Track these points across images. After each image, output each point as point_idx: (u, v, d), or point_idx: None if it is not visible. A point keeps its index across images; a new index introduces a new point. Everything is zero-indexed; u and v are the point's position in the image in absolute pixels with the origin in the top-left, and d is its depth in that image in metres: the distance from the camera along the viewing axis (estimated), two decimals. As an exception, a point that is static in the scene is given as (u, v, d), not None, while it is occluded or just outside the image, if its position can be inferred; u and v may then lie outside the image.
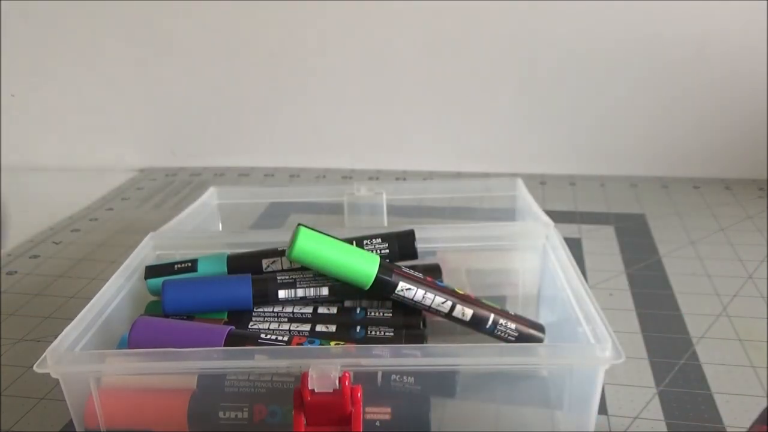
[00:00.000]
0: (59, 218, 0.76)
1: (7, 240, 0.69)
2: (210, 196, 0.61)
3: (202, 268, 0.46)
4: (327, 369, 0.34)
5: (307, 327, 0.41)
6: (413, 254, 0.47)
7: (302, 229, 0.41)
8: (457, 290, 0.43)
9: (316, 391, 0.34)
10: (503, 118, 0.84)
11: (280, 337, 0.38)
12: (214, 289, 0.43)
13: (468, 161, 0.87)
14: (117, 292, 0.43)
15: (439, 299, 0.41)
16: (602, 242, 0.65)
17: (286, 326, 0.41)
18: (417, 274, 0.43)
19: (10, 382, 0.47)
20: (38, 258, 0.66)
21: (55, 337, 0.37)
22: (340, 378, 0.34)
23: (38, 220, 0.75)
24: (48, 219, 0.76)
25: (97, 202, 0.81)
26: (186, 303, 0.42)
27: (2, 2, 0.86)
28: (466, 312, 0.41)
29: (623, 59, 0.78)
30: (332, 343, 0.39)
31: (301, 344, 0.38)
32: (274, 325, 0.42)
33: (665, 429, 0.41)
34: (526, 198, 0.57)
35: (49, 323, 0.54)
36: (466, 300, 0.42)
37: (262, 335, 0.38)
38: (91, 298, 0.41)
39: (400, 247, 0.47)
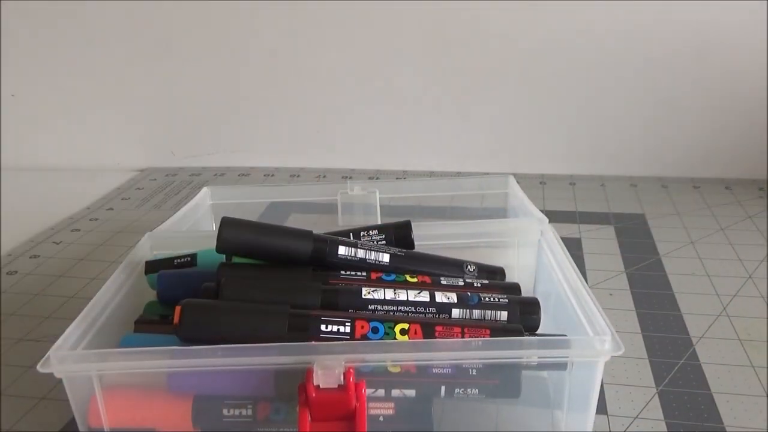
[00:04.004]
0: (59, 218, 0.76)
1: None
2: (203, 197, 0.61)
3: (201, 263, 0.47)
4: (331, 365, 0.34)
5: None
6: (410, 244, 0.47)
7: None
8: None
9: (320, 387, 0.34)
10: (503, 119, 0.84)
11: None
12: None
13: (468, 161, 0.87)
14: (116, 292, 0.43)
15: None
16: (602, 242, 0.65)
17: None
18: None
19: (10, 382, 0.47)
20: (38, 258, 0.66)
21: (56, 337, 0.37)
22: (344, 374, 0.34)
23: (38, 220, 0.75)
24: (48, 219, 0.76)
25: (97, 202, 0.81)
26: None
27: (2, 2, 0.86)
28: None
29: (623, 59, 0.78)
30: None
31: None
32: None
33: (665, 429, 0.41)
34: (518, 195, 0.58)
35: (49, 323, 0.54)
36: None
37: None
38: (91, 298, 0.41)
39: (396, 237, 0.47)
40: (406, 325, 0.38)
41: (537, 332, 0.41)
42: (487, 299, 0.40)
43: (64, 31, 0.87)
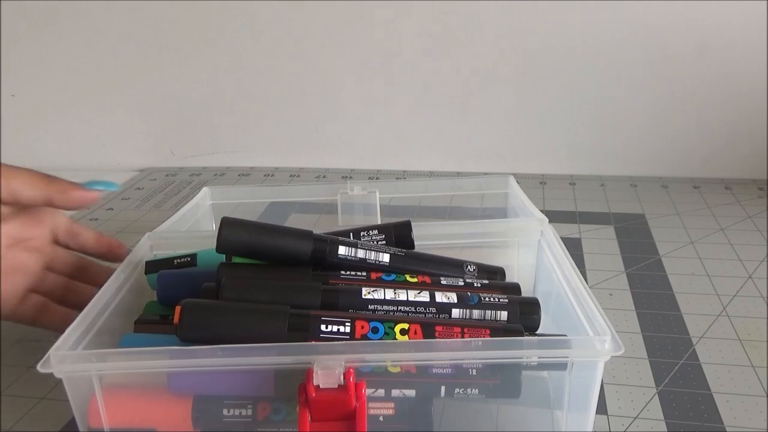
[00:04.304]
0: (59, 218, 0.76)
1: None
2: (203, 197, 0.61)
3: (201, 263, 0.47)
4: (331, 365, 0.34)
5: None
6: (410, 244, 0.47)
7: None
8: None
9: (320, 387, 0.34)
10: (503, 119, 0.84)
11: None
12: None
13: (468, 161, 0.87)
14: (116, 292, 0.43)
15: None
16: (602, 242, 0.65)
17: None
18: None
19: (10, 382, 0.47)
20: (38, 258, 0.66)
21: (56, 338, 0.37)
22: (344, 374, 0.34)
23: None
24: (48, 219, 0.76)
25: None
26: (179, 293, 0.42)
27: (2, 2, 0.86)
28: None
29: (623, 59, 0.78)
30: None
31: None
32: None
33: (665, 429, 0.41)
34: (518, 195, 0.58)
35: (49, 323, 0.54)
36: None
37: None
38: (91, 299, 0.41)
39: (396, 237, 0.47)
40: (406, 325, 0.38)
41: (537, 332, 0.41)
42: (487, 299, 0.40)
43: (64, 31, 0.87)
